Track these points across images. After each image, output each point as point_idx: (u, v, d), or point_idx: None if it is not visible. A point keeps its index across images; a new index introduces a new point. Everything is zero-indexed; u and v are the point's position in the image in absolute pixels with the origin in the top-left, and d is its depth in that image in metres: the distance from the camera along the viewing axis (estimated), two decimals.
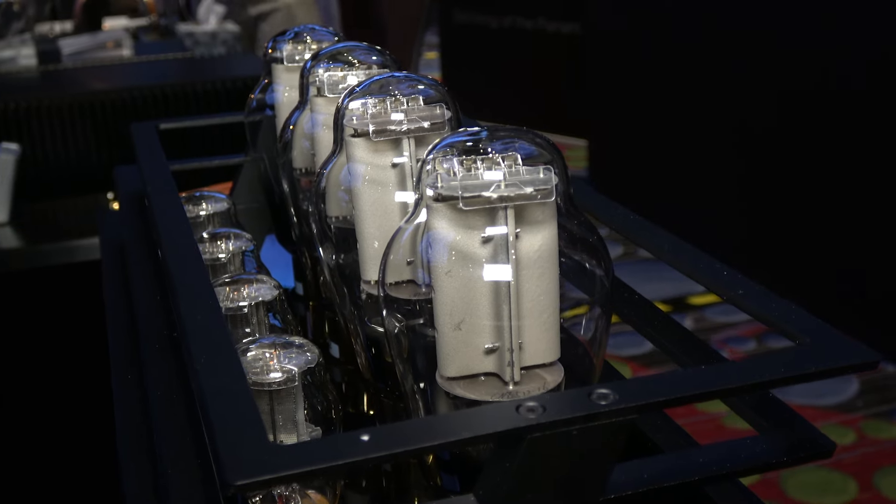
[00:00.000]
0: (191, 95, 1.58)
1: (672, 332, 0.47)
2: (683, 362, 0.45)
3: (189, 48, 2.00)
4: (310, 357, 0.46)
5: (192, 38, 2.24)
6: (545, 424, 0.34)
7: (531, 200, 0.40)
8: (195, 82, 1.57)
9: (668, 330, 0.47)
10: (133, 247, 0.60)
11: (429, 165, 0.42)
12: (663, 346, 0.46)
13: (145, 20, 2.44)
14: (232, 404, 0.35)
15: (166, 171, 0.62)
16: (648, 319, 0.48)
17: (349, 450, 0.33)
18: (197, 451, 0.39)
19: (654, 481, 0.37)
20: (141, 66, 1.77)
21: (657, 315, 0.48)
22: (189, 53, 1.85)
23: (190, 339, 0.40)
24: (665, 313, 0.48)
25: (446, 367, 0.43)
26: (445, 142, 0.43)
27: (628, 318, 0.49)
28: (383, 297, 0.45)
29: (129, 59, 1.82)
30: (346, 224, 0.55)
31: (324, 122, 0.60)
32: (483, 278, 0.41)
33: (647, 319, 0.48)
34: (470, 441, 0.33)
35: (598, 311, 0.42)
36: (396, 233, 0.45)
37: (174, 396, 0.43)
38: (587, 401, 0.35)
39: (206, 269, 0.48)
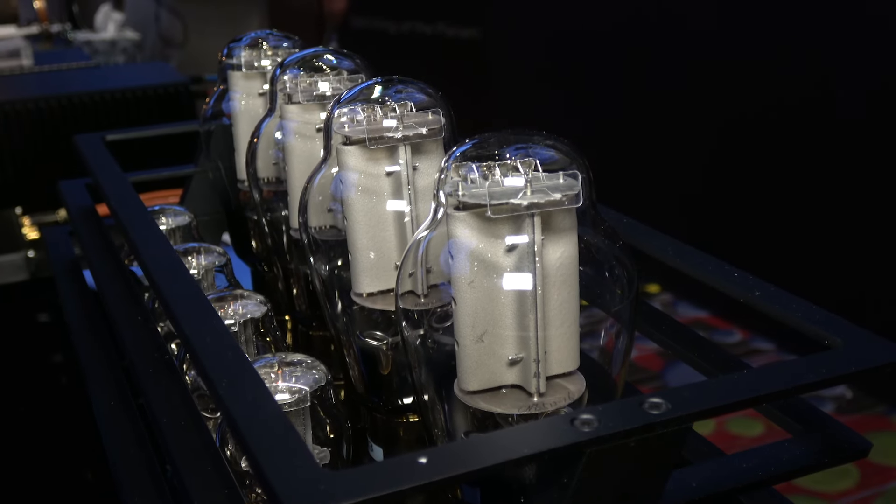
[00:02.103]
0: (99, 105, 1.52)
1: (686, 339, 0.47)
2: (706, 369, 0.44)
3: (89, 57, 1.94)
4: (317, 375, 0.44)
5: (90, 46, 2.16)
6: (604, 437, 0.33)
7: (559, 206, 0.39)
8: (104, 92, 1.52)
9: (680, 336, 0.47)
10: (98, 264, 0.57)
11: (446, 174, 0.41)
12: (678, 351, 0.46)
13: (35, 28, 2.36)
14: (270, 430, 0.33)
15: (127, 185, 0.59)
16: (656, 324, 0.48)
17: (409, 474, 0.31)
18: (223, 482, 0.37)
19: (704, 489, 0.37)
20: (44, 76, 1.71)
21: (665, 320, 0.48)
22: (94, 62, 1.79)
23: (205, 362, 0.38)
24: (675, 320, 0.48)
25: (468, 381, 0.41)
26: (462, 149, 0.41)
27: (640, 326, 0.49)
28: (402, 311, 0.43)
29: (29, 69, 1.75)
30: (330, 235, 0.53)
31: (295, 130, 0.58)
32: (508, 288, 0.40)
33: (654, 324, 0.48)
34: (530, 459, 0.32)
35: (625, 318, 0.41)
36: (413, 243, 0.43)
37: (182, 422, 0.41)
38: (640, 411, 0.34)
39: (198, 286, 0.46)
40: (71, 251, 0.68)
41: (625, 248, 0.41)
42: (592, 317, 0.41)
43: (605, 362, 0.42)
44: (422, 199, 0.49)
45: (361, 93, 0.50)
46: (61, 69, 1.75)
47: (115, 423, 0.46)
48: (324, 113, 0.58)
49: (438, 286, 0.47)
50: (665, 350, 0.47)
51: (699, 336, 0.47)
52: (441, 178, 0.41)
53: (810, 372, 0.36)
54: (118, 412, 0.48)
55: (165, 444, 0.39)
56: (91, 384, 0.50)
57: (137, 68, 1.94)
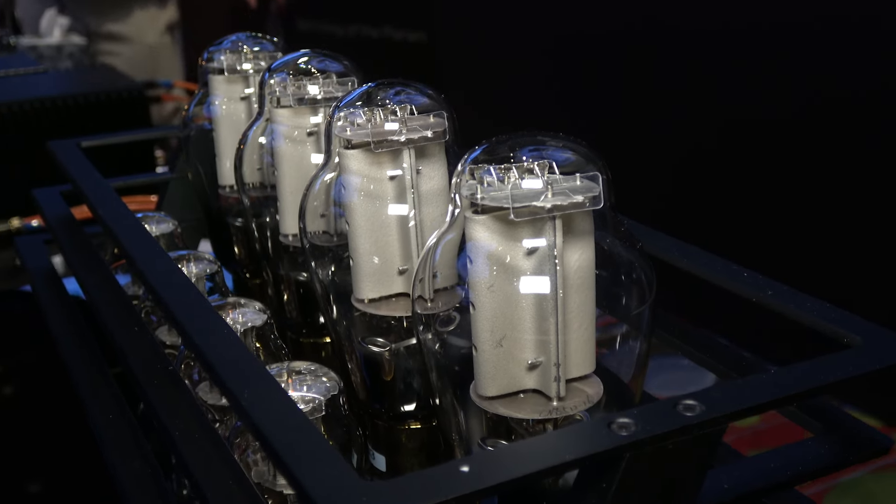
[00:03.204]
0: (51, 111, 1.49)
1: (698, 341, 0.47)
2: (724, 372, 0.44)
3: (37, 62, 1.90)
4: (329, 384, 0.43)
5: (35, 51, 2.12)
6: (644, 441, 0.32)
7: (581, 208, 0.38)
8: (55, 98, 1.49)
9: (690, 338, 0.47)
10: (85, 274, 0.55)
11: (462, 177, 0.40)
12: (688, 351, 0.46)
13: None
14: (302, 441, 0.33)
15: (112, 193, 0.58)
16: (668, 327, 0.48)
17: (453, 483, 0.30)
18: (245, 494, 0.36)
19: (736, 490, 0.37)
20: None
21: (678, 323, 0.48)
22: (43, 68, 1.75)
23: (222, 374, 0.37)
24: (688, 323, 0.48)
25: (486, 386, 0.41)
26: (477, 151, 0.41)
27: None
28: (421, 316, 0.43)
29: None
30: (327, 240, 0.53)
31: (285, 135, 0.57)
32: (528, 291, 0.39)
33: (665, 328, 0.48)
34: (571, 465, 0.32)
35: (644, 321, 0.41)
36: (430, 247, 0.43)
37: (196, 435, 0.39)
38: (675, 413, 0.34)
39: (201, 294, 0.45)
40: (46, 260, 0.67)
41: (643, 250, 0.41)
42: (611, 320, 0.41)
43: (623, 366, 0.41)
44: (425, 203, 0.48)
45: (362, 96, 0.49)
46: (8, 75, 1.71)
47: (116, 436, 0.45)
48: (314, 117, 0.57)
49: (446, 290, 0.46)
50: (679, 352, 0.47)
51: (708, 335, 0.47)
52: (458, 182, 0.41)
53: (837, 370, 0.36)
54: (118, 424, 0.46)
55: (180, 456, 0.38)
56: (85, 396, 0.49)
57: (89, 73, 1.90)
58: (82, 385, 0.50)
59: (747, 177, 1.89)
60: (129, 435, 0.45)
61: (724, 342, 0.47)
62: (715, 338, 0.47)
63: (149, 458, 0.44)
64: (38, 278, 0.63)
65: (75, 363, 0.52)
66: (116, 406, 0.48)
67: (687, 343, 0.47)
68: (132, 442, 0.45)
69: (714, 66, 1.93)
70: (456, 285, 0.45)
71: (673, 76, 2.10)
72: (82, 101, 1.49)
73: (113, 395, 0.49)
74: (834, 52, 1.75)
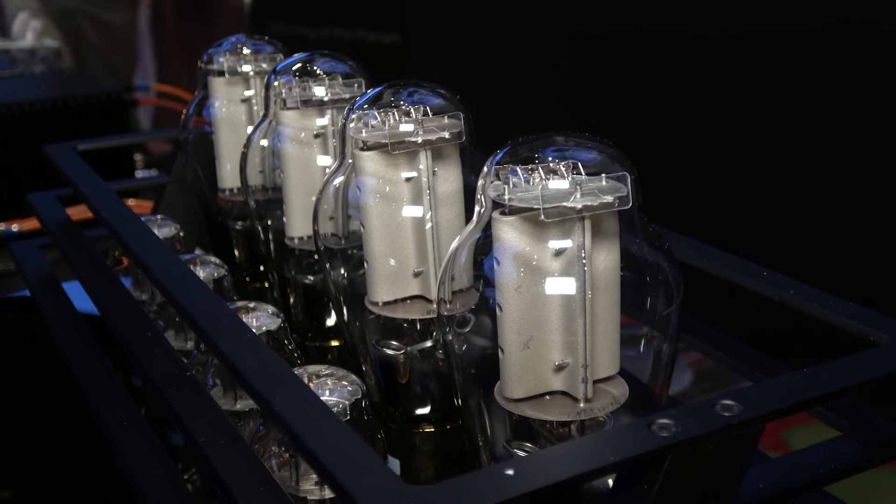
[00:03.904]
0: (29, 115, 1.47)
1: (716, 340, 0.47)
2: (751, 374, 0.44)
3: (11, 66, 1.88)
4: (351, 388, 0.43)
5: (7, 55, 2.10)
6: (686, 441, 0.32)
7: (611, 209, 0.38)
8: (34, 101, 1.47)
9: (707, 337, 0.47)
10: (92, 280, 0.54)
11: (488, 178, 0.40)
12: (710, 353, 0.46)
13: None
14: (341, 446, 0.32)
15: (114, 196, 0.57)
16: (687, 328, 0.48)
17: (498, 487, 0.30)
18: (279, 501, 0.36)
19: (771, 490, 0.37)
20: None
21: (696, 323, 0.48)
22: (18, 71, 1.73)
23: (251, 379, 0.36)
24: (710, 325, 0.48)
25: (513, 389, 0.40)
26: (502, 152, 0.41)
27: None
28: (445, 318, 0.42)
29: None
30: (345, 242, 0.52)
31: (291, 137, 0.57)
32: (557, 293, 0.39)
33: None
34: (615, 466, 0.32)
35: (671, 323, 0.41)
36: (455, 248, 0.42)
37: (223, 442, 0.39)
38: (713, 413, 0.33)
39: (219, 298, 0.44)
40: (44, 266, 0.66)
41: (671, 251, 0.40)
42: (639, 321, 0.41)
43: (651, 367, 0.41)
44: (441, 205, 0.48)
45: (376, 96, 0.49)
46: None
47: (133, 445, 0.44)
48: (321, 118, 0.57)
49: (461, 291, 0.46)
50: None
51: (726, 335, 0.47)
52: (483, 183, 0.40)
53: (869, 368, 0.36)
54: (133, 432, 0.46)
55: (208, 464, 0.38)
56: (97, 404, 0.48)
57: (66, 77, 1.88)
58: (93, 392, 0.49)
59: (759, 175, 1.86)
60: (146, 442, 0.45)
61: (739, 342, 0.47)
62: (733, 338, 0.47)
63: (167, 465, 0.43)
64: (38, 284, 0.62)
65: (84, 370, 0.51)
66: (130, 413, 0.47)
67: (706, 343, 0.47)
68: (150, 448, 0.44)
69: (713, 66, 1.91)
70: (472, 287, 0.45)
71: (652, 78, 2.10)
72: (61, 105, 1.48)
73: (125, 402, 0.48)
74: (866, 47, 1.73)
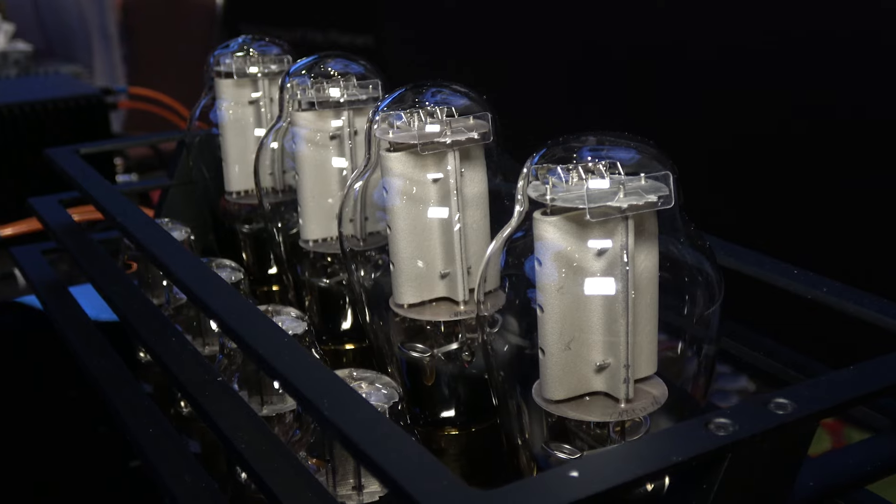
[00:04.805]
0: (7, 119, 1.45)
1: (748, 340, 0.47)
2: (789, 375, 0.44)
3: None
4: (387, 391, 0.43)
5: None
6: (745, 440, 0.32)
7: (655, 208, 0.38)
8: (12, 105, 1.45)
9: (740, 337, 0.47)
10: (108, 284, 0.53)
11: (529, 178, 0.40)
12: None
13: None
14: (398, 450, 0.32)
15: (123, 199, 0.56)
16: None
17: (565, 489, 0.30)
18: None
19: (820, 489, 0.37)
20: None
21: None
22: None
23: (296, 383, 0.36)
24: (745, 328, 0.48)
25: (554, 390, 0.40)
26: (541, 152, 0.40)
27: None
28: (485, 318, 0.42)
29: None
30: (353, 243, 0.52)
31: (307, 138, 0.56)
32: (600, 293, 0.39)
33: None
34: (677, 467, 0.31)
35: (712, 323, 0.41)
36: (494, 249, 0.42)
37: (264, 448, 0.38)
38: (767, 411, 0.33)
39: (249, 301, 0.43)
40: (49, 271, 0.65)
41: (711, 251, 0.40)
42: (680, 322, 0.41)
43: (692, 367, 0.41)
44: (468, 206, 0.48)
45: (402, 97, 0.48)
46: None
47: (162, 451, 0.44)
48: (336, 120, 0.56)
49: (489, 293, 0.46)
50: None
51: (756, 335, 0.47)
52: (523, 183, 0.40)
53: None
54: (162, 441, 0.45)
55: (252, 470, 0.37)
56: (120, 410, 0.47)
57: (42, 81, 1.86)
58: (116, 399, 0.48)
59: (784, 176, 1.84)
60: (175, 448, 0.44)
61: (770, 341, 0.47)
62: (762, 335, 0.47)
63: (198, 471, 0.43)
64: (45, 290, 0.61)
65: (102, 375, 0.50)
66: (154, 419, 0.47)
67: (741, 343, 0.47)
68: (180, 455, 0.44)
69: (714, 68, 1.89)
70: (498, 288, 0.45)
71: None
72: (40, 109, 1.46)
73: (148, 409, 0.48)
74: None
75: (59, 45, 3.53)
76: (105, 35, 3.45)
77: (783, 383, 0.46)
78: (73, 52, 3.47)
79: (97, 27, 3.45)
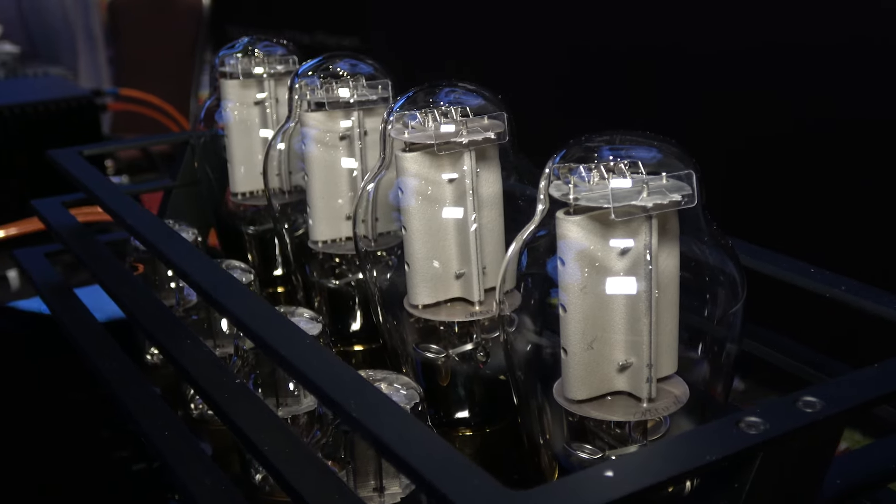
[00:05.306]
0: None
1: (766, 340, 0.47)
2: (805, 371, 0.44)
3: None
4: (407, 392, 0.42)
5: None
6: (777, 438, 0.32)
7: (679, 207, 0.38)
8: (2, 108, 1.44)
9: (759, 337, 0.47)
10: (118, 286, 0.53)
11: (551, 178, 0.40)
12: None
13: None
14: (433, 451, 0.32)
15: (131, 201, 0.56)
16: None
17: (600, 490, 0.30)
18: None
19: (846, 487, 0.37)
20: None
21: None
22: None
23: (322, 385, 0.36)
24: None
25: (576, 390, 0.40)
26: (563, 152, 0.40)
27: None
28: (509, 319, 0.42)
29: None
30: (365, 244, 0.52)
31: (317, 139, 0.56)
32: (623, 292, 0.39)
33: None
34: (711, 466, 0.31)
35: (735, 323, 0.41)
36: (515, 250, 0.42)
37: (288, 450, 0.38)
38: (796, 409, 0.33)
39: (266, 302, 0.43)
40: (52, 274, 0.64)
41: (734, 251, 0.40)
42: (704, 321, 0.41)
43: (717, 367, 0.41)
44: (483, 206, 0.48)
45: (415, 98, 0.48)
46: None
47: (182, 458, 0.43)
48: (345, 120, 0.56)
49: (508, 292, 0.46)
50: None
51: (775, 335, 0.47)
52: (546, 183, 0.40)
53: None
54: (178, 443, 0.45)
55: (277, 473, 0.37)
56: (136, 414, 0.47)
57: (33, 82, 1.85)
58: (129, 401, 0.48)
59: (798, 176, 1.82)
60: (192, 451, 0.44)
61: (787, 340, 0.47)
62: (780, 334, 0.47)
63: (217, 474, 0.42)
64: (49, 294, 0.61)
65: (115, 378, 0.50)
66: (169, 421, 0.46)
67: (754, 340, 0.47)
68: (197, 458, 0.43)
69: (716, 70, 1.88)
70: (513, 288, 0.45)
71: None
72: (30, 111, 1.45)
73: (162, 411, 0.47)
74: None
75: (44, 47, 3.51)
76: (90, 36, 3.44)
77: (803, 382, 0.46)
78: (57, 53, 3.46)
79: (82, 29, 3.44)
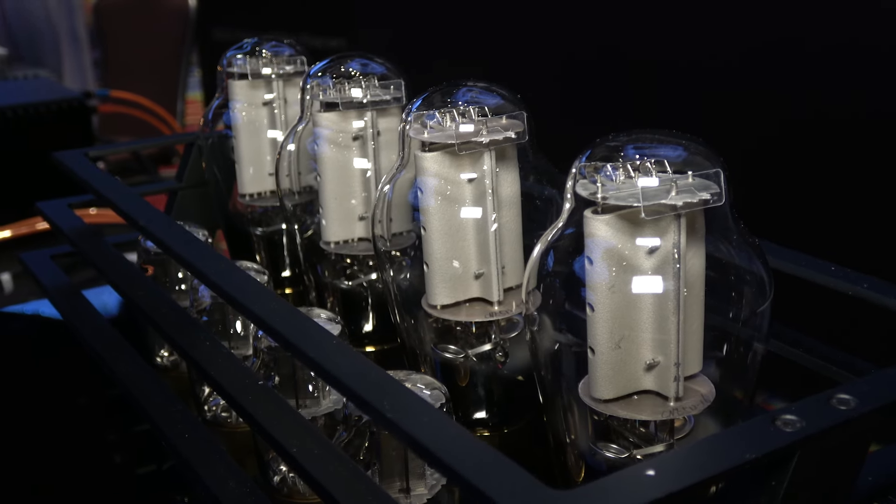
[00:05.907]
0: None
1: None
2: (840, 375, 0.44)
3: None
4: (433, 392, 0.42)
5: None
6: (815, 436, 0.32)
7: (708, 206, 0.38)
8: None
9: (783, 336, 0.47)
10: (131, 289, 0.53)
11: (578, 177, 0.40)
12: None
13: None
14: (470, 450, 0.32)
15: (144, 203, 0.55)
16: None
17: (641, 489, 0.30)
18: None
19: (877, 484, 0.37)
20: None
21: None
22: None
23: (353, 386, 0.35)
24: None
25: (604, 389, 0.40)
26: (588, 151, 0.40)
27: None
28: (535, 318, 0.42)
29: None
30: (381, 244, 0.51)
31: (329, 139, 0.56)
32: (651, 291, 0.39)
33: None
34: (751, 463, 0.31)
35: (762, 322, 0.41)
36: (541, 250, 0.42)
37: (316, 451, 0.38)
38: (830, 407, 0.34)
39: (287, 303, 0.43)
40: (61, 276, 0.64)
41: (761, 249, 0.40)
42: (731, 320, 0.41)
43: (744, 366, 0.41)
44: (502, 206, 0.48)
45: (432, 97, 0.48)
46: None
47: (205, 459, 0.43)
48: (358, 121, 0.56)
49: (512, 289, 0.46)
50: None
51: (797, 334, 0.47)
52: (572, 183, 0.40)
53: None
54: (200, 445, 0.44)
55: (307, 475, 0.37)
56: (157, 419, 0.46)
57: (23, 84, 1.83)
58: (146, 403, 0.47)
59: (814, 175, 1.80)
60: (216, 453, 0.43)
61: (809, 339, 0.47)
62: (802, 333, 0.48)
63: (241, 476, 0.42)
64: (58, 297, 0.60)
65: (132, 382, 0.49)
66: (190, 423, 0.46)
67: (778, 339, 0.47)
68: (221, 460, 0.43)
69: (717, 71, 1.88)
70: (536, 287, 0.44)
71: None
72: (21, 112, 1.44)
73: (182, 413, 0.47)
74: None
75: (27, 49, 3.49)
76: (75, 38, 3.42)
77: (830, 381, 0.46)
78: (41, 55, 3.44)
79: (66, 30, 3.42)
